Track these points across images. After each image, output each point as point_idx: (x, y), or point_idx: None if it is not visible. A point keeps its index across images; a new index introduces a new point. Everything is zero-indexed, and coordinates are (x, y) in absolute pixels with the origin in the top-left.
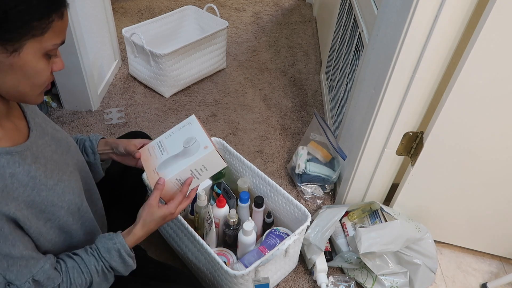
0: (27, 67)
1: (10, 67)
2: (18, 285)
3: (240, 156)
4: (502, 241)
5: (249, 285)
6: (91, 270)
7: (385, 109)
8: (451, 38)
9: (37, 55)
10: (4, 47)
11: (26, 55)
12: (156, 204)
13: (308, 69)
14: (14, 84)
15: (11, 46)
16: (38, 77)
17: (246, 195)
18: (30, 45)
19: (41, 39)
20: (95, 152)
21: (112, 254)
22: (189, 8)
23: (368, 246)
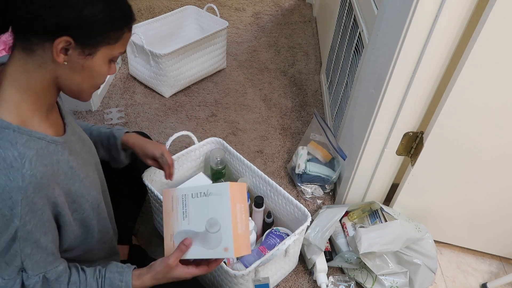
0: (95, 69)
1: (81, 67)
2: (29, 275)
3: (240, 156)
4: (502, 241)
5: (249, 285)
6: None
7: (385, 109)
8: (451, 38)
9: (105, 60)
10: (83, 50)
11: (97, 59)
12: (175, 265)
13: (308, 69)
14: (79, 82)
15: (88, 50)
16: (100, 78)
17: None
18: (103, 51)
19: (113, 47)
20: (119, 150)
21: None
22: (189, 8)
23: (368, 246)
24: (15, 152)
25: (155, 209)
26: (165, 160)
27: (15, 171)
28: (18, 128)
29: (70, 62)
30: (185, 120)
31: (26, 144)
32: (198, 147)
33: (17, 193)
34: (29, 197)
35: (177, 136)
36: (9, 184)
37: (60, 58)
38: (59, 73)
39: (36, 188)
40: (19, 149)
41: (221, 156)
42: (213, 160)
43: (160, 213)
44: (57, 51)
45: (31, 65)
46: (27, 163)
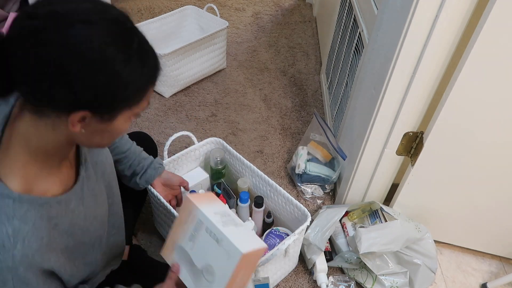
0: (115, 130)
1: (101, 131)
2: None
3: (240, 156)
4: (502, 241)
5: (249, 285)
6: None
7: (385, 109)
8: (451, 38)
9: (126, 119)
10: (101, 117)
11: (118, 121)
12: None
13: (308, 69)
14: (99, 142)
15: (108, 116)
16: (119, 135)
17: (246, 195)
18: (124, 113)
19: (136, 106)
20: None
21: None
22: (189, 8)
23: (368, 246)
24: (9, 228)
25: (155, 209)
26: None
27: (6, 251)
28: (19, 197)
29: (88, 129)
30: (185, 120)
31: (24, 217)
32: (198, 147)
33: (7, 273)
34: (20, 274)
35: (177, 136)
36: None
37: (76, 128)
38: (75, 136)
39: (27, 266)
40: (14, 224)
41: (221, 156)
42: (213, 160)
43: (161, 213)
44: (73, 123)
45: (43, 127)
46: (19, 244)
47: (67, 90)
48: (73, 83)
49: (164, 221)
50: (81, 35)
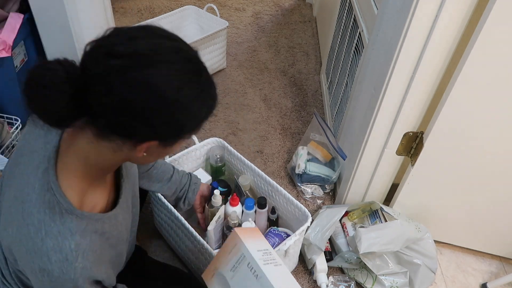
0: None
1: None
2: None
3: (240, 156)
4: (502, 241)
5: None
6: None
7: (385, 109)
8: (451, 38)
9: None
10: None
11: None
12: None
13: (308, 69)
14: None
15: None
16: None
17: (251, 202)
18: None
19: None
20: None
21: None
22: (189, 8)
23: (368, 246)
24: (72, 243)
25: (156, 209)
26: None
27: (69, 264)
28: (81, 214)
29: (148, 152)
30: None
31: (84, 232)
32: (198, 147)
33: (69, 283)
34: (79, 285)
35: None
36: (62, 276)
37: (140, 154)
38: (133, 158)
39: (85, 278)
40: (76, 239)
41: (221, 154)
42: (212, 158)
43: (161, 213)
44: (140, 150)
45: (105, 148)
46: (80, 257)
47: (146, 126)
48: (152, 120)
49: (165, 221)
50: (162, 75)
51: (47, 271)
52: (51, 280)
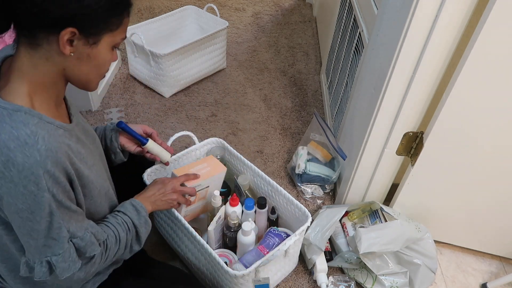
0: (100, 58)
1: (88, 57)
2: (81, 237)
3: (240, 156)
4: (502, 241)
5: (249, 285)
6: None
7: (385, 109)
8: (451, 38)
9: (109, 47)
10: (87, 39)
11: (101, 47)
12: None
13: (308, 69)
14: (86, 72)
15: (93, 39)
16: (105, 66)
17: (251, 202)
18: (106, 38)
19: (115, 33)
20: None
21: (126, 206)
22: (189, 8)
23: (368, 246)
24: (27, 130)
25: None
26: None
27: (30, 147)
28: (29, 110)
29: (76, 52)
30: (185, 120)
31: (38, 124)
32: (198, 147)
33: (37, 167)
34: (50, 170)
35: (178, 136)
36: (27, 160)
37: (66, 50)
38: (66, 65)
39: (53, 162)
40: (31, 127)
41: (221, 154)
42: None
43: (160, 213)
44: (63, 43)
45: (37, 59)
46: (40, 139)
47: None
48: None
49: (165, 221)
50: None
51: (10, 161)
52: (19, 170)
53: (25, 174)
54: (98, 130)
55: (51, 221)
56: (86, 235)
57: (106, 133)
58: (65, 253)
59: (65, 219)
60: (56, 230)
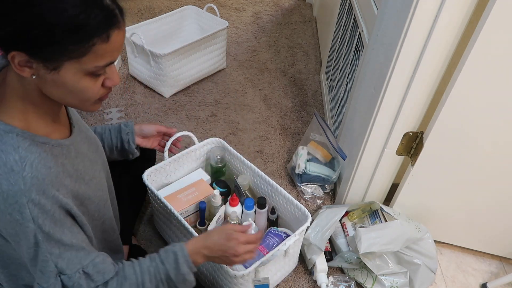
0: (68, 85)
1: (53, 82)
2: (69, 275)
3: (240, 156)
4: (502, 241)
5: (249, 285)
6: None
7: (385, 109)
8: (451, 38)
9: (78, 75)
10: (45, 64)
11: (65, 73)
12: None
13: (308, 69)
14: (61, 97)
15: (51, 65)
16: (83, 94)
17: (251, 202)
18: (69, 65)
19: (80, 61)
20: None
21: (168, 254)
22: (189, 8)
23: (368, 246)
24: (16, 156)
25: (155, 209)
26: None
27: (15, 174)
28: (22, 132)
29: (38, 76)
30: (185, 120)
31: (29, 148)
32: (198, 147)
33: (21, 196)
34: (34, 199)
35: (178, 136)
36: (11, 188)
37: (24, 73)
38: (40, 86)
39: (39, 190)
40: (20, 153)
41: (221, 154)
42: (213, 159)
43: (160, 214)
44: (15, 65)
45: (20, 76)
46: (27, 166)
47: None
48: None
49: (163, 222)
50: None
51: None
52: (4, 197)
53: (10, 202)
54: (107, 131)
55: (37, 252)
56: (74, 276)
57: (123, 137)
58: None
59: (54, 253)
60: (42, 262)
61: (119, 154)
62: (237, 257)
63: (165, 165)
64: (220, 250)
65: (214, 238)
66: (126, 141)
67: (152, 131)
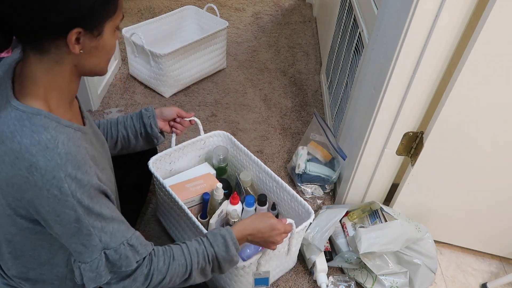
0: (107, 45)
1: (95, 49)
2: (114, 248)
3: (246, 150)
4: (502, 241)
5: (249, 278)
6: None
7: (385, 109)
8: (451, 38)
9: (112, 32)
10: (92, 33)
11: (106, 35)
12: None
13: (308, 69)
14: (97, 63)
15: (97, 31)
16: (112, 50)
17: (252, 199)
18: (108, 25)
19: (114, 17)
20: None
21: (216, 237)
22: (189, 8)
23: (368, 246)
24: (48, 135)
25: (160, 198)
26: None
27: (50, 151)
28: (48, 114)
29: (85, 48)
30: None
31: (57, 128)
32: (204, 137)
33: (58, 170)
34: (71, 174)
35: (191, 119)
36: (48, 164)
37: (76, 49)
38: (77, 62)
39: (74, 165)
40: (51, 132)
41: (224, 154)
42: (215, 158)
43: (164, 203)
44: (72, 45)
45: (47, 63)
46: (60, 143)
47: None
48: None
49: (167, 209)
50: None
51: (33, 166)
52: (42, 174)
53: (47, 178)
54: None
55: (80, 227)
56: (121, 248)
57: (145, 121)
58: (93, 263)
59: (96, 227)
60: (86, 237)
61: (145, 141)
62: (275, 244)
63: (170, 152)
64: (263, 238)
65: (259, 226)
66: (149, 125)
67: (173, 114)
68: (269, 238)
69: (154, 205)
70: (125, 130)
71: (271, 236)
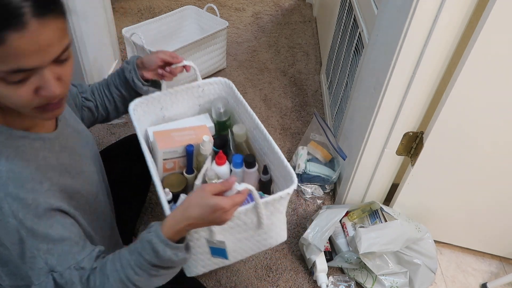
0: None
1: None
2: (60, 272)
3: (244, 101)
4: (502, 241)
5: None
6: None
7: (385, 109)
8: (451, 38)
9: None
10: None
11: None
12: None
13: (308, 69)
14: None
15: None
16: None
17: (239, 159)
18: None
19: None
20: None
21: (143, 244)
22: (189, 8)
23: (368, 246)
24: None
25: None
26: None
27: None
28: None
29: None
30: None
31: (5, 142)
32: (202, 84)
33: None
34: (12, 193)
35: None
36: None
37: None
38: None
39: (17, 183)
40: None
41: (224, 106)
42: (215, 112)
43: None
44: None
45: None
46: (3, 160)
47: None
48: None
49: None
50: None
51: None
52: None
53: None
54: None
55: (23, 249)
56: (66, 272)
57: (127, 76)
58: (41, 285)
59: (41, 249)
60: (30, 259)
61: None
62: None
63: (159, 97)
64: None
65: (194, 213)
66: (131, 80)
67: (155, 62)
68: (215, 220)
69: (154, 205)
70: (117, 91)
71: (216, 217)
